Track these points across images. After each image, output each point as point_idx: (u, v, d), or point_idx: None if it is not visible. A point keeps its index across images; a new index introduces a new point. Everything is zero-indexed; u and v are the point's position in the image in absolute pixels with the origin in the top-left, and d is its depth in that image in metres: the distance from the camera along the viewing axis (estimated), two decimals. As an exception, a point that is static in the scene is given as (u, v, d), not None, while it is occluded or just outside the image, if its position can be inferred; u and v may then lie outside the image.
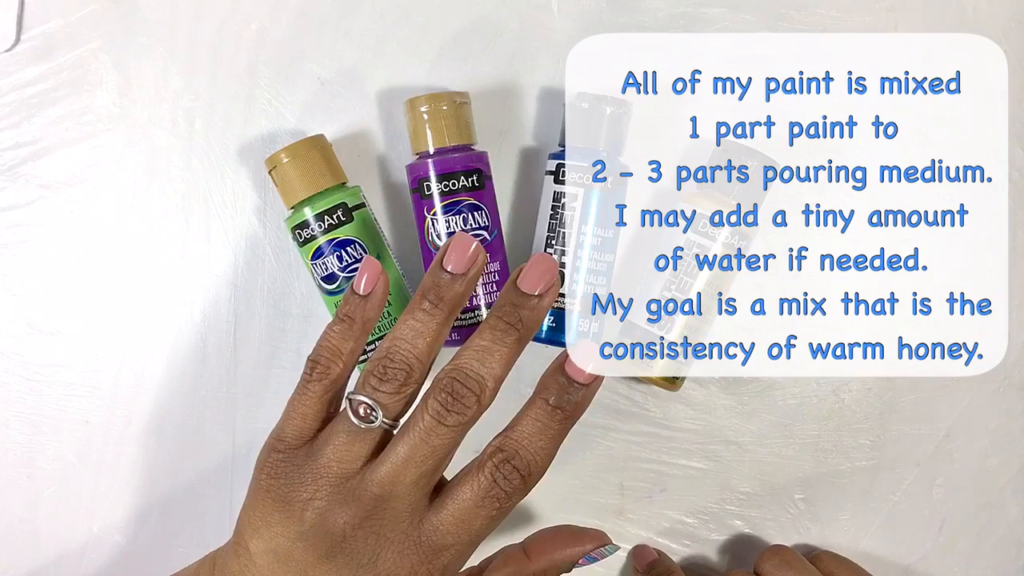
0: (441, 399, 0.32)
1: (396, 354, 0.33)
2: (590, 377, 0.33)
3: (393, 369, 0.33)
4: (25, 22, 0.47)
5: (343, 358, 0.35)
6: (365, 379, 0.34)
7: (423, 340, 0.33)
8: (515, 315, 0.33)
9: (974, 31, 0.47)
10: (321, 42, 0.47)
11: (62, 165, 0.47)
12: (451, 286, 0.34)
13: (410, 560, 0.31)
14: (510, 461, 0.32)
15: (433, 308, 0.34)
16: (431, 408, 0.32)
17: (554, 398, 0.32)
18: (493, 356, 0.33)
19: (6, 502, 0.47)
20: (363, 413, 0.33)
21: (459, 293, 0.34)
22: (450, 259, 0.34)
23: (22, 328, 0.47)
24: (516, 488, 0.32)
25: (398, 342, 0.34)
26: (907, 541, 0.48)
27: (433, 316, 0.34)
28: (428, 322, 0.33)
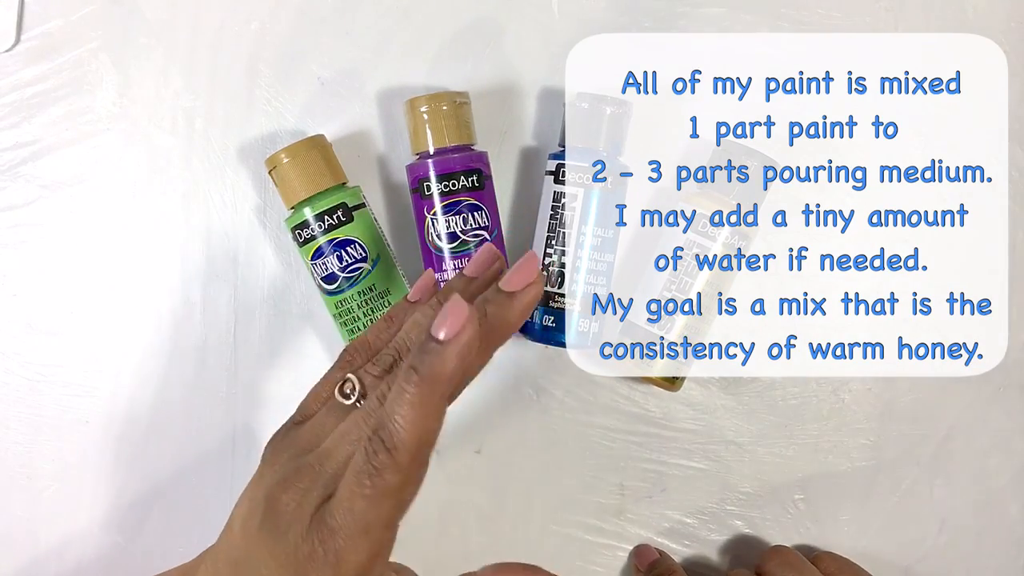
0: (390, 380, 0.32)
1: (393, 343, 0.34)
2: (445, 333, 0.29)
3: (385, 355, 0.34)
4: (25, 22, 0.47)
5: (371, 353, 0.35)
6: (368, 361, 0.35)
7: (419, 333, 0.34)
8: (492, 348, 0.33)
9: (974, 31, 0.47)
10: (321, 42, 0.47)
11: (62, 165, 0.47)
12: (464, 289, 0.35)
13: (311, 537, 0.30)
14: (377, 432, 0.29)
15: (438, 306, 0.34)
16: (380, 390, 0.32)
17: (414, 357, 0.29)
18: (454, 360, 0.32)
19: (6, 502, 0.47)
20: (347, 390, 0.33)
21: (471, 296, 0.34)
22: (471, 267, 0.35)
23: (22, 328, 0.47)
24: (384, 463, 0.29)
25: (400, 333, 0.34)
26: (907, 541, 0.48)
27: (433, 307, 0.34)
28: (430, 318, 0.33)
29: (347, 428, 0.32)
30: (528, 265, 0.33)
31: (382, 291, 0.43)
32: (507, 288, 0.33)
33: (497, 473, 0.47)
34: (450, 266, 0.43)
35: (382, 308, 0.43)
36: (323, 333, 0.47)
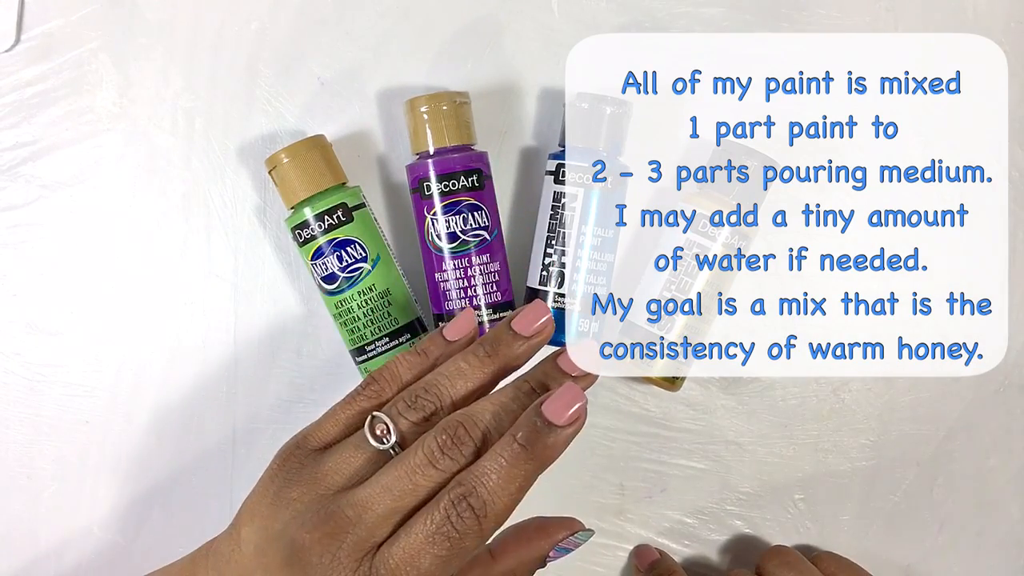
0: (441, 440, 0.31)
1: (433, 388, 0.33)
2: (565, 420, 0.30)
3: (424, 400, 0.32)
4: (25, 22, 0.47)
5: (400, 386, 0.35)
6: (395, 402, 0.33)
7: (463, 384, 0.33)
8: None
9: (974, 31, 0.47)
10: (321, 42, 0.47)
11: (62, 165, 0.47)
12: (510, 344, 0.34)
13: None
14: (466, 498, 0.29)
15: (485, 358, 0.33)
16: (427, 446, 0.31)
17: (523, 435, 0.30)
18: (510, 417, 0.32)
19: (6, 502, 0.47)
20: (378, 432, 0.32)
21: (515, 354, 0.34)
22: (519, 321, 0.34)
23: (22, 328, 0.47)
24: (469, 529, 0.29)
25: (439, 377, 0.33)
26: (907, 541, 0.48)
27: (482, 365, 0.33)
28: (475, 369, 0.33)
29: (391, 483, 0.31)
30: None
31: (382, 291, 0.43)
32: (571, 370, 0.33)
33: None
34: (450, 266, 0.43)
35: (382, 308, 0.43)
36: (323, 333, 0.47)
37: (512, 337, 0.34)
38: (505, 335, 0.34)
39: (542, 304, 0.35)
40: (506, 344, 0.34)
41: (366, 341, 0.43)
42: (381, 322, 0.43)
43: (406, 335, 0.43)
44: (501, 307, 0.44)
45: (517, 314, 0.35)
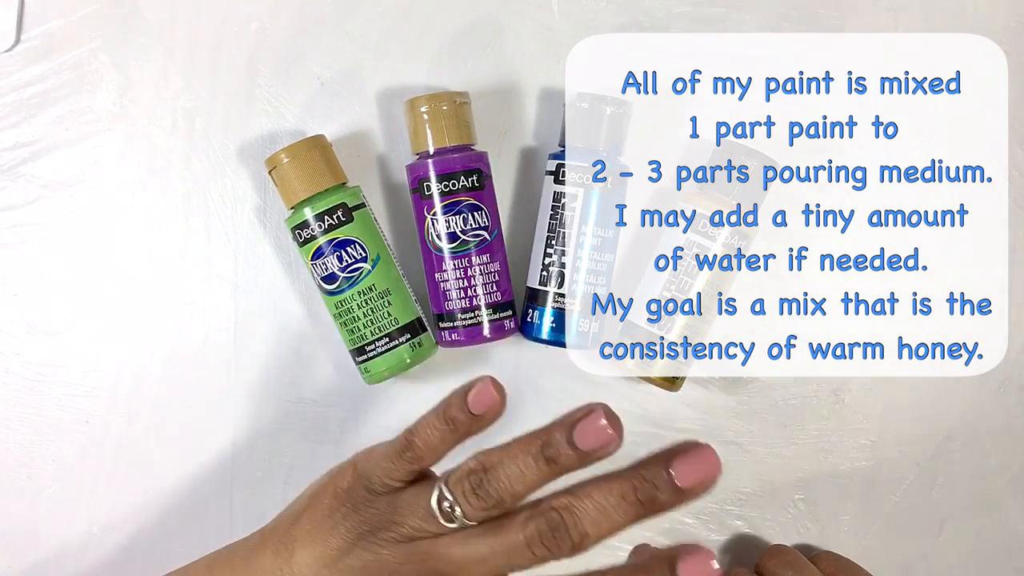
0: (543, 530, 0.32)
1: (495, 482, 0.33)
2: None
3: (486, 494, 0.33)
4: (25, 22, 0.47)
5: (438, 454, 0.35)
6: (461, 479, 0.33)
7: (523, 486, 0.33)
8: (651, 493, 0.31)
9: (974, 31, 0.47)
10: (321, 42, 0.47)
11: (62, 165, 0.47)
12: (571, 458, 0.33)
13: None
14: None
15: (544, 467, 0.33)
16: (529, 531, 0.32)
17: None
18: (610, 520, 0.32)
19: (6, 502, 0.47)
20: (446, 509, 0.33)
21: (574, 464, 0.33)
22: (580, 436, 0.33)
23: (22, 328, 0.47)
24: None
25: (502, 472, 0.33)
26: (907, 541, 0.48)
27: (542, 472, 0.33)
28: (536, 474, 0.33)
29: (486, 555, 0.32)
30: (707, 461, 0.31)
31: (382, 291, 0.43)
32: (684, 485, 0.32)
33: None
34: (450, 266, 0.43)
35: (382, 308, 0.43)
36: (323, 333, 0.47)
37: (573, 452, 0.33)
38: (565, 450, 0.33)
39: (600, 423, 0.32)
40: (566, 457, 0.33)
41: (366, 341, 0.43)
42: (381, 322, 0.43)
43: (406, 335, 0.43)
44: (501, 307, 0.44)
45: (576, 422, 0.33)
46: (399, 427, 0.47)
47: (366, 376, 0.44)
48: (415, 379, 0.47)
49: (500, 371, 0.47)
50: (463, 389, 0.35)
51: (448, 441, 0.35)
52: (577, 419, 0.33)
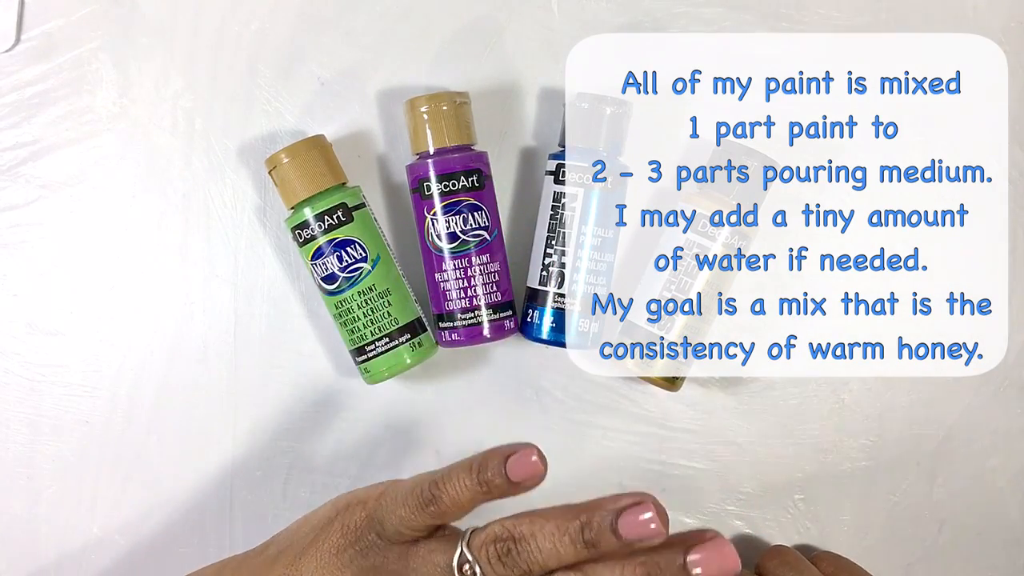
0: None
1: (525, 554, 0.32)
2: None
3: (514, 564, 0.32)
4: (25, 22, 0.47)
5: (464, 511, 0.34)
6: (485, 544, 0.33)
7: (556, 562, 0.32)
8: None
9: (974, 31, 0.47)
10: (321, 42, 0.47)
11: (62, 165, 0.47)
12: (612, 545, 0.31)
13: None
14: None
15: (583, 548, 0.32)
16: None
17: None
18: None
19: (6, 502, 0.47)
20: (466, 572, 0.32)
21: (614, 551, 0.32)
22: (626, 525, 0.31)
23: (22, 328, 0.47)
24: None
25: (534, 545, 0.32)
26: (907, 541, 0.48)
27: (579, 553, 0.32)
28: (572, 554, 0.32)
29: None
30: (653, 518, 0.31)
31: (382, 291, 0.43)
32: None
33: (497, 473, 0.47)
34: (450, 266, 0.43)
35: (382, 308, 0.43)
36: (323, 333, 0.47)
37: (616, 540, 0.31)
38: (608, 536, 0.31)
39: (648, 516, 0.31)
40: (607, 543, 0.31)
41: (366, 341, 0.43)
42: (381, 322, 0.43)
43: (406, 335, 0.43)
44: (501, 307, 0.44)
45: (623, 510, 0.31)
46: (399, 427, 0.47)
47: (366, 376, 0.44)
48: (415, 379, 0.47)
49: (500, 371, 0.47)
50: (502, 452, 0.33)
51: (478, 501, 0.34)
52: (624, 507, 0.31)
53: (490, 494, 0.33)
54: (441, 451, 0.47)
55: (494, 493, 0.33)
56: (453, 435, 0.47)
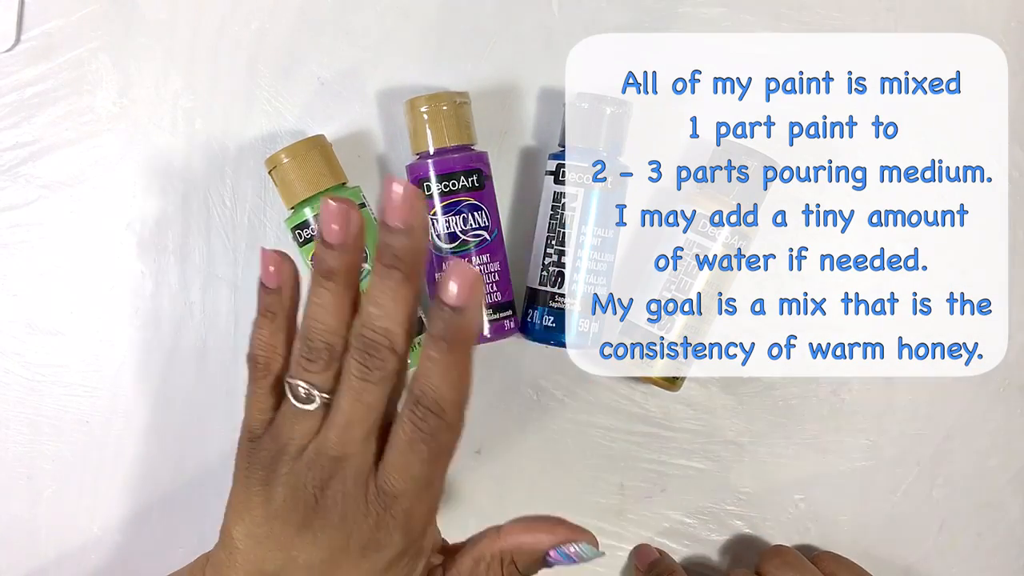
0: (360, 360, 0.33)
1: (314, 336, 0.34)
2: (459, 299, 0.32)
3: (315, 351, 0.34)
4: (25, 22, 0.47)
5: (279, 351, 0.36)
6: (296, 362, 0.34)
7: (333, 318, 0.34)
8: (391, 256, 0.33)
9: (974, 31, 0.47)
10: (321, 42, 0.47)
11: (62, 165, 0.47)
12: (338, 258, 0.34)
13: (374, 509, 0.33)
14: (420, 403, 0.32)
15: (327, 283, 0.34)
16: (354, 371, 0.33)
17: (439, 329, 0.32)
18: (390, 304, 0.33)
19: (6, 502, 0.47)
20: (303, 395, 0.34)
21: (347, 262, 0.34)
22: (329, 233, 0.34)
23: (22, 328, 0.47)
24: (435, 426, 0.32)
25: (312, 323, 0.34)
26: (907, 541, 0.48)
27: (332, 292, 0.34)
28: (329, 298, 0.34)
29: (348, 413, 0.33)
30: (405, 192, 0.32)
31: (382, 291, 0.43)
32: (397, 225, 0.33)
33: (497, 473, 0.47)
34: (450, 266, 0.43)
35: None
36: (323, 333, 0.47)
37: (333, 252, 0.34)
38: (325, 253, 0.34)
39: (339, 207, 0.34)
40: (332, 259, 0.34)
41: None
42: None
43: (406, 335, 0.43)
44: (501, 307, 0.44)
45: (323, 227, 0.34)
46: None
47: (366, 376, 0.44)
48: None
49: (500, 371, 0.47)
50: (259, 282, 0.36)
51: (275, 330, 0.36)
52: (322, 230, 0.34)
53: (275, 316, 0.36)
54: (441, 451, 0.47)
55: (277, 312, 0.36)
56: (453, 435, 0.47)
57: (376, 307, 0.33)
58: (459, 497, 0.48)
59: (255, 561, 0.33)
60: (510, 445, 0.47)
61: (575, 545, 0.35)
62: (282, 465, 0.34)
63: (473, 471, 0.47)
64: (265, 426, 0.35)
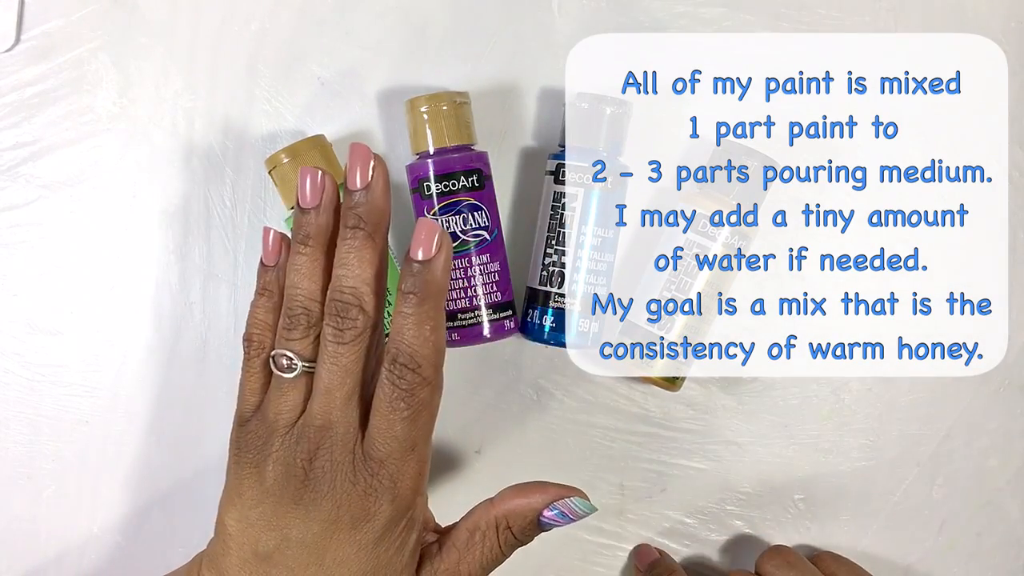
0: (333, 323, 0.34)
1: (293, 303, 0.35)
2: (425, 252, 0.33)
3: (295, 317, 0.35)
4: (25, 22, 0.47)
5: (272, 329, 0.37)
6: (279, 333, 0.35)
7: (309, 281, 0.35)
8: (354, 217, 0.34)
9: (974, 31, 0.47)
10: (321, 42, 0.47)
11: (62, 165, 0.47)
12: (313, 221, 0.35)
13: (361, 476, 0.33)
14: (396, 361, 0.33)
15: (303, 248, 0.35)
16: (327, 335, 0.34)
17: (408, 283, 0.33)
18: (356, 264, 0.34)
19: (6, 502, 0.47)
20: (285, 364, 0.35)
21: (321, 224, 0.36)
22: (304, 198, 0.36)
23: (22, 328, 0.47)
24: (415, 383, 0.33)
25: (291, 290, 0.35)
26: (907, 541, 0.48)
27: (309, 255, 0.35)
28: (305, 261, 0.35)
29: (327, 380, 0.34)
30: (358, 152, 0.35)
31: (382, 291, 0.43)
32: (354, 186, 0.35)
33: (497, 473, 0.47)
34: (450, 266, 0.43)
35: (382, 308, 0.43)
36: (323, 333, 0.47)
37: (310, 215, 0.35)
38: (302, 219, 0.36)
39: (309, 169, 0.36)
40: (309, 224, 0.35)
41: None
42: (381, 322, 0.43)
43: (406, 335, 0.43)
44: (501, 307, 0.44)
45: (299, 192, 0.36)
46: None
47: (366, 376, 0.44)
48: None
49: (500, 371, 0.47)
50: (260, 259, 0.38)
51: (272, 308, 0.37)
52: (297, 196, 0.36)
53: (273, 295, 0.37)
54: (441, 451, 0.47)
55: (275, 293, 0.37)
56: (453, 435, 0.47)
57: (342, 268, 0.34)
58: (459, 497, 0.47)
59: (249, 544, 0.33)
60: (510, 445, 0.47)
61: (569, 501, 0.35)
62: (273, 443, 0.34)
63: (473, 471, 0.47)
64: (255, 409, 0.36)
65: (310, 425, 0.34)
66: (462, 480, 0.47)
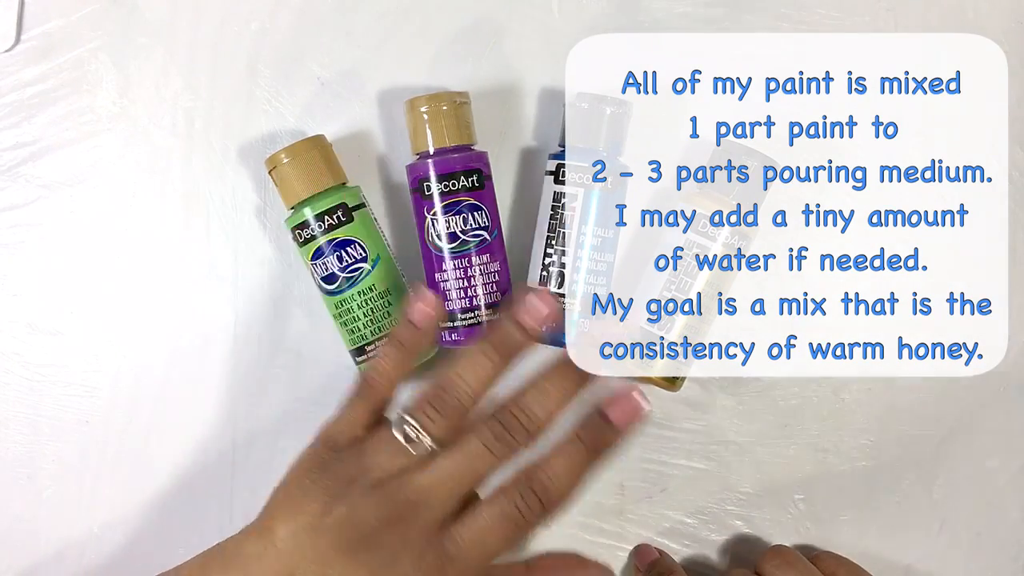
0: (496, 430, 0.34)
1: (455, 390, 0.35)
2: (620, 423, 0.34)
3: (448, 405, 0.35)
4: (25, 22, 0.47)
5: (393, 383, 0.37)
6: (420, 405, 0.35)
7: (481, 384, 0.35)
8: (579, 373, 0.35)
9: (974, 31, 0.47)
10: (321, 42, 0.47)
11: (62, 165, 0.47)
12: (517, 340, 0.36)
13: (427, 564, 0.33)
14: (531, 486, 0.33)
15: (495, 356, 0.36)
16: (484, 435, 0.34)
17: (585, 434, 0.34)
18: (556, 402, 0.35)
19: (6, 502, 0.47)
20: (412, 436, 0.34)
21: (522, 346, 0.36)
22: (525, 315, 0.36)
23: (22, 328, 0.47)
24: (534, 511, 0.33)
25: (457, 379, 0.35)
26: (907, 541, 0.48)
27: (494, 363, 0.36)
28: (489, 368, 0.36)
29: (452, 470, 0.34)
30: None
31: (382, 291, 0.43)
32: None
33: (497, 473, 0.47)
34: (450, 266, 0.43)
35: (382, 308, 0.43)
36: (323, 334, 0.47)
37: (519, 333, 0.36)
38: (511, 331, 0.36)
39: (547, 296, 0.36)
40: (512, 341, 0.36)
41: (366, 341, 0.43)
42: (381, 322, 0.43)
43: (406, 335, 0.43)
44: (501, 307, 0.44)
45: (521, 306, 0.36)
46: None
47: (366, 376, 0.44)
48: (415, 379, 0.47)
49: (500, 371, 0.47)
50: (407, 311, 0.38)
51: (399, 363, 0.37)
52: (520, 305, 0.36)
53: (404, 350, 0.37)
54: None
55: (408, 346, 0.37)
56: (453, 435, 0.47)
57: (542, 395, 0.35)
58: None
59: (289, 565, 0.33)
60: (510, 445, 0.47)
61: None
62: (356, 487, 0.34)
63: (473, 471, 0.47)
64: (350, 441, 0.36)
65: (403, 495, 0.33)
66: (462, 480, 0.47)
